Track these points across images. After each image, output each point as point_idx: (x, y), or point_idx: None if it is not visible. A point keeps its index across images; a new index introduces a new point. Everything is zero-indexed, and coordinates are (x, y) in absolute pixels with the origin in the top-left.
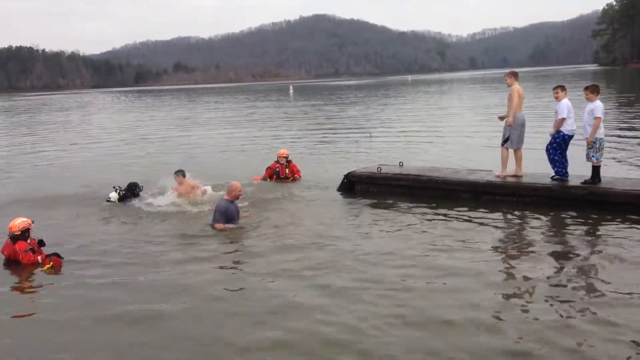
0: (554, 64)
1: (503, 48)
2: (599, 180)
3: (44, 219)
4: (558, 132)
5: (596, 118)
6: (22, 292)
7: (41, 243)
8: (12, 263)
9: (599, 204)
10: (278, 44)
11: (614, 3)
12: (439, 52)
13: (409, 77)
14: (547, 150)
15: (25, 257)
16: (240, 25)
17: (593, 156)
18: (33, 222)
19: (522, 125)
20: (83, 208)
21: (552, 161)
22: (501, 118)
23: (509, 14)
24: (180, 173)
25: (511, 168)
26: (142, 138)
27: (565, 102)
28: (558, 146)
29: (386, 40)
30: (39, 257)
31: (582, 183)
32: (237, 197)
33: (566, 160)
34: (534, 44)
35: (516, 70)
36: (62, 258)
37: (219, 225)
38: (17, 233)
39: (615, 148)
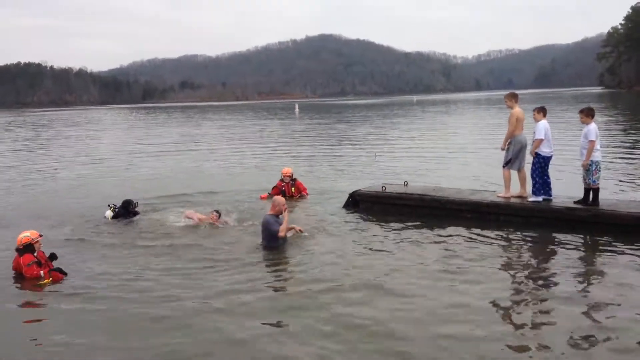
0: (559, 86)
1: (508, 70)
2: (596, 204)
3: (46, 234)
4: (537, 154)
5: (590, 142)
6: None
7: (52, 257)
8: (19, 276)
9: (603, 225)
10: (284, 63)
11: (619, 26)
12: (444, 73)
13: (414, 98)
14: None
15: (28, 271)
16: (247, 44)
17: (589, 179)
18: (41, 235)
19: (524, 146)
20: (82, 225)
21: (534, 183)
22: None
23: (514, 36)
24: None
25: (515, 189)
26: (150, 153)
27: (543, 124)
28: (539, 167)
29: (392, 61)
30: (42, 272)
31: (575, 202)
32: (281, 212)
33: (548, 181)
34: (539, 66)
35: (520, 92)
36: (65, 274)
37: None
38: (20, 247)
39: (619, 170)
